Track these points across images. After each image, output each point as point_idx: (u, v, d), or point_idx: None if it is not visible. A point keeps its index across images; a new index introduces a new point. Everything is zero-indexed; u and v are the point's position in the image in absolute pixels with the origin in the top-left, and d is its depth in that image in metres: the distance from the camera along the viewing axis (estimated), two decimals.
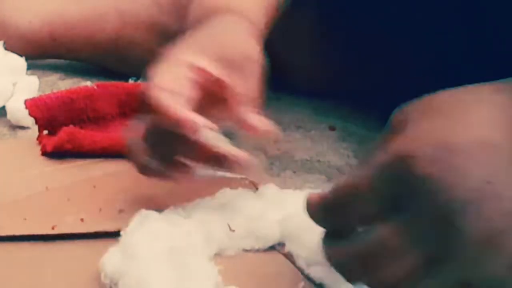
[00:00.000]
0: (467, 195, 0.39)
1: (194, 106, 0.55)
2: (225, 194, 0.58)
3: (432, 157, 0.40)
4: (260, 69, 0.60)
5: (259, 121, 0.57)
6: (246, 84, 0.58)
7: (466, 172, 0.39)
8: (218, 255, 0.54)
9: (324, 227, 0.45)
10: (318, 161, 0.76)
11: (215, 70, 0.57)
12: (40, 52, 1.01)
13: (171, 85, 0.55)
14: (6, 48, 0.90)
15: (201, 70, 0.57)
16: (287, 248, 0.54)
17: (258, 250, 0.55)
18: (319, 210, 0.45)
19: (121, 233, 0.52)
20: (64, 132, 0.70)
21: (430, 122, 0.42)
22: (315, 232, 0.52)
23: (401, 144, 0.42)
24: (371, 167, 0.42)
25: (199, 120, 0.53)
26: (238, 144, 0.78)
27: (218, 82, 0.57)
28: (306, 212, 0.46)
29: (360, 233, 0.42)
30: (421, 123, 0.43)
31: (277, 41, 0.93)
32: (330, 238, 0.45)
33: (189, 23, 0.69)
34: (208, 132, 0.54)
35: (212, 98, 0.58)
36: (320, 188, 0.61)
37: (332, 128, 0.85)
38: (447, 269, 0.40)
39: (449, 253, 0.40)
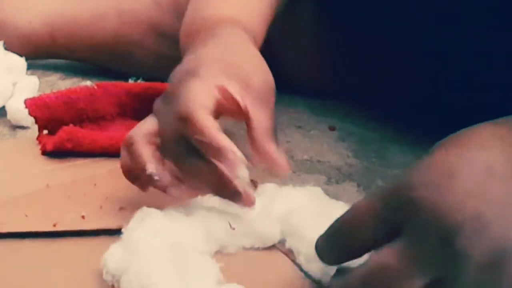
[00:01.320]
0: (465, 217, 0.39)
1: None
2: None
3: (427, 181, 0.40)
4: (274, 98, 0.60)
5: (278, 155, 0.56)
6: (266, 114, 0.58)
7: (463, 194, 0.39)
8: (219, 253, 0.54)
9: (333, 263, 0.45)
10: (318, 161, 0.76)
11: (241, 98, 0.56)
12: (40, 52, 1.01)
13: (207, 102, 0.54)
14: (6, 48, 0.90)
15: (229, 96, 0.56)
16: (287, 245, 0.54)
17: (258, 248, 0.55)
18: (326, 246, 0.45)
19: (122, 230, 0.52)
20: (64, 132, 0.70)
21: (441, 153, 0.42)
22: (316, 228, 0.53)
23: (405, 174, 0.42)
24: (375, 195, 0.43)
25: (240, 155, 0.52)
26: (238, 144, 0.78)
27: (240, 111, 0.57)
28: (318, 255, 0.46)
29: (363, 263, 0.42)
30: (433, 154, 0.43)
31: (277, 41, 0.94)
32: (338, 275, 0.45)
33: (185, 32, 0.69)
34: (243, 169, 0.53)
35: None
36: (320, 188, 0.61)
37: (332, 128, 0.85)
38: None
39: (452, 275, 0.39)
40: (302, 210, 0.55)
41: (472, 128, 0.44)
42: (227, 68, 0.57)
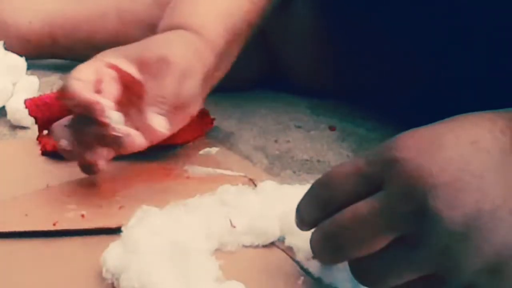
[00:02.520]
0: (443, 181, 0.40)
1: (114, 103, 0.60)
2: (226, 190, 0.58)
3: (413, 145, 0.42)
4: (176, 72, 0.63)
5: (157, 122, 0.62)
6: (156, 85, 0.62)
7: (445, 162, 0.40)
8: (218, 250, 0.54)
9: (312, 223, 0.46)
10: (318, 161, 0.76)
11: (129, 69, 0.62)
12: (40, 52, 1.02)
13: (88, 77, 0.59)
14: (6, 48, 0.90)
15: (118, 69, 0.61)
16: (286, 243, 0.54)
17: (258, 246, 0.55)
18: (306, 203, 0.47)
19: (122, 228, 0.52)
20: None
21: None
22: None
23: (393, 138, 0.44)
24: (360, 155, 0.45)
25: (104, 101, 0.58)
26: (237, 144, 0.78)
27: (135, 81, 0.62)
28: (297, 218, 0.48)
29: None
30: (426, 126, 0.45)
31: (277, 41, 0.94)
32: None
33: None
34: (113, 113, 0.58)
35: (130, 96, 0.62)
36: None
37: (332, 128, 0.85)
38: (419, 254, 0.41)
39: (420, 234, 0.40)
40: None
41: (472, 113, 0.45)
42: (124, 50, 0.64)
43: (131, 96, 0.62)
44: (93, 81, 0.60)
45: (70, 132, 0.61)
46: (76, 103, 0.58)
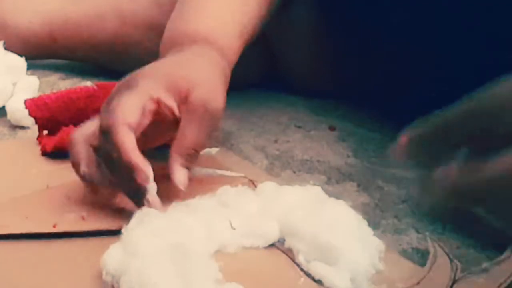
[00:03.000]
0: None
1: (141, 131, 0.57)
2: (226, 191, 0.58)
3: None
4: (214, 120, 0.60)
5: (179, 177, 0.58)
6: (193, 132, 0.59)
7: None
8: (218, 252, 0.54)
9: (417, 162, 0.42)
10: (318, 161, 0.76)
11: (172, 104, 0.58)
12: (40, 52, 1.02)
13: (135, 118, 0.56)
14: (6, 48, 0.90)
15: (160, 103, 0.58)
16: (286, 244, 0.55)
17: (258, 247, 0.55)
18: (416, 143, 0.42)
19: (122, 230, 0.52)
20: (64, 132, 0.70)
21: None
22: (315, 227, 0.53)
23: None
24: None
25: (151, 174, 0.55)
26: (237, 144, 0.78)
27: (173, 117, 0.59)
28: (396, 155, 0.42)
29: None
30: None
31: (277, 42, 0.94)
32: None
33: (163, 44, 0.70)
34: (151, 185, 0.56)
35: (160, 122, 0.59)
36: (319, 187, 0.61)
37: (332, 128, 0.85)
38: None
39: None
40: (301, 209, 0.55)
41: None
42: (169, 81, 0.59)
43: (158, 128, 0.60)
44: (138, 123, 0.57)
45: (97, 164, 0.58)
46: (117, 152, 0.55)
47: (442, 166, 0.40)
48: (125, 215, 0.56)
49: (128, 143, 0.54)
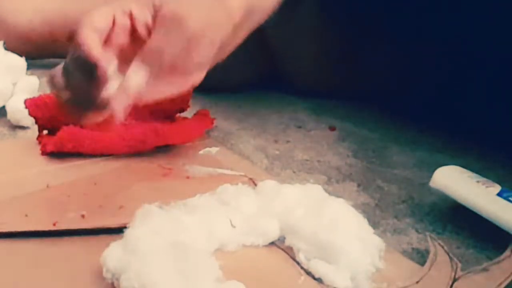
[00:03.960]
0: None
1: (119, 51, 0.58)
2: (226, 190, 0.58)
3: None
4: (186, 33, 0.58)
5: (135, 78, 0.57)
6: (160, 39, 0.57)
7: None
8: (219, 250, 0.54)
9: None
10: (318, 161, 0.76)
11: (147, 19, 0.58)
12: (40, 52, 1.02)
13: (101, 25, 0.57)
14: (6, 48, 0.90)
15: (133, 18, 0.58)
16: (286, 243, 0.54)
17: (258, 246, 0.55)
18: None
19: (128, 226, 0.52)
20: (64, 132, 0.70)
21: None
22: (315, 225, 0.53)
23: None
24: None
25: (110, 70, 0.56)
26: (237, 144, 0.78)
27: (148, 34, 0.58)
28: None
29: None
30: None
31: (277, 42, 0.94)
32: None
33: None
34: (112, 82, 0.56)
35: (136, 49, 0.59)
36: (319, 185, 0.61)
37: (332, 128, 0.85)
38: None
39: None
40: (301, 207, 0.55)
41: None
42: None
43: (137, 49, 0.59)
44: (106, 30, 0.57)
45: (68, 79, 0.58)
46: (80, 51, 0.56)
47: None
48: (125, 213, 0.56)
49: (91, 40, 0.56)
